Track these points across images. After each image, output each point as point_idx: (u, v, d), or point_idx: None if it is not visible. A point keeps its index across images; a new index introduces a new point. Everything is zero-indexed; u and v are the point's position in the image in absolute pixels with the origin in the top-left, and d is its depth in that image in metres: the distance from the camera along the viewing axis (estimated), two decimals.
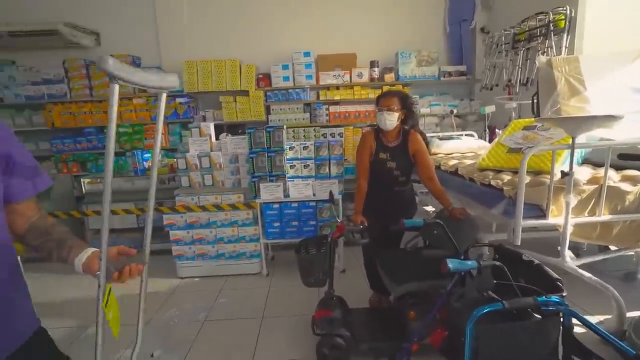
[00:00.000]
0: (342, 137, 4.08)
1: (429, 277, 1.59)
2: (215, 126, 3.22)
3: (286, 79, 4.15)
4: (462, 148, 2.98)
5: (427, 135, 3.17)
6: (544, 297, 1.16)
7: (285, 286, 2.83)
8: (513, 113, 3.09)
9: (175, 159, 3.12)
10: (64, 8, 4.12)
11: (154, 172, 0.97)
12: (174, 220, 2.90)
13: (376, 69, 4.20)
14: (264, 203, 2.81)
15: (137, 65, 4.16)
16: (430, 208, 3.33)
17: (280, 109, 4.21)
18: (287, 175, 2.82)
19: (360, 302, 2.27)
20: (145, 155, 3.56)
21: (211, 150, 2.99)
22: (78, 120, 4.09)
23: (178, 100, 4.07)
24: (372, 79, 4.20)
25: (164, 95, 0.88)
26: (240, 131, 3.61)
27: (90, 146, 4.14)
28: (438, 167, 2.64)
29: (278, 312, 2.48)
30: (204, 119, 4.11)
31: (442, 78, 4.24)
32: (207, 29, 4.35)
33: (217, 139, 3.10)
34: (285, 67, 4.15)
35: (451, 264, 1.22)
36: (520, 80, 2.97)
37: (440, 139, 3.17)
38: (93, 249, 0.83)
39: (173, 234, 2.91)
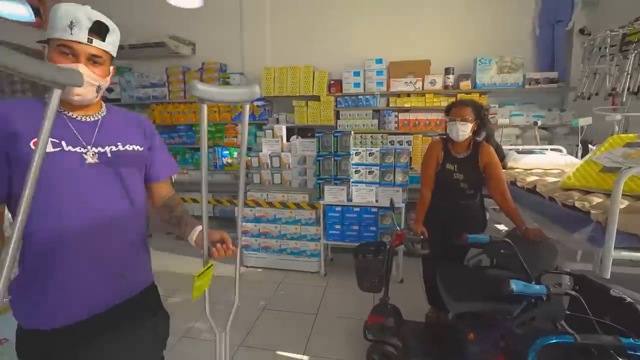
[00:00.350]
0: (409, 145, 4.00)
1: (491, 298, 1.51)
2: (287, 128, 3.45)
3: (357, 85, 4.23)
4: (544, 163, 2.70)
5: (505, 148, 2.95)
6: (631, 339, 1.02)
7: (341, 288, 2.90)
8: (616, 127, 2.69)
9: (249, 157, 3.43)
10: (169, 23, 4.80)
11: (242, 174, 1.07)
12: (244, 213, 3.19)
13: (451, 76, 4.02)
14: (327, 205, 2.92)
15: (222, 72, 4.65)
16: (502, 227, 3.08)
17: (349, 115, 4.30)
18: (351, 180, 2.89)
19: (416, 315, 2.23)
20: (224, 152, 3.96)
21: (282, 151, 3.21)
22: (173, 119, 4.73)
23: (255, 103, 4.43)
24: (446, 87, 4.04)
25: (248, 107, 0.98)
26: (309, 134, 3.78)
27: (180, 141, 4.75)
28: (513, 183, 2.44)
29: (332, 312, 2.55)
30: (277, 121, 4.40)
31: (526, 86, 3.88)
32: (285, 38, 4.66)
33: (288, 140, 3.32)
34: (356, 73, 4.23)
35: (515, 285, 1.14)
36: (629, 88, 2.58)
37: (520, 152, 2.91)
38: (200, 228, 1.01)
39: (243, 226, 3.19)
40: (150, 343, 1.08)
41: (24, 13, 3.59)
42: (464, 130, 1.91)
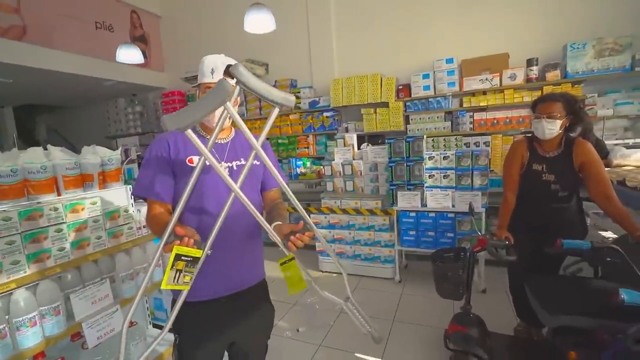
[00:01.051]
0: (487, 146, 3.74)
1: (597, 311, 1.35)
2: (357, 137, 3.53)
3: (426, 88, 4.13)
4: None
5: (609, 143, 2.60)
6: None
7: (417, 295, 2.85)
8: None
9: (322, 166, 3.60)
10: (245, 46, 5.32)
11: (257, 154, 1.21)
12: (319, 220, 3.35)
13: (535, 68, 3.67)
14: (400, 210, 2.91)
15: (293, 87, 4.97)
16: (608, 234, 2.67)
17: (420, 119, 4.21)
18: (425, 185, 2.83)
19: (502, 328, 2.08)
20: (298, 163, 4.22)
21: (353, 159, 3.31)
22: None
23: (325, 114, 4.64)
24: (528, 80, 3.70)
25: (276, 111, 0.99)
26: (380, 141, 3.81)
27: None
28: (622, 183, 2.13)
29: (409, 319, 2.53)
30: (347, 130, 4.53)
31: (637, 68, 3.32)
32: (351, 50, 4.80)
33: (359, 148, 3.40)
34: (425, 76, 4.13)
35: (627, 294, 1.02)
36: None
37: (629, 147, 2.52)
38: (277, 223, 1.14)
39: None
40: (261, 330, 1.31)
41: (138, 57, 4.37)
42: (551, 129, 1.75)
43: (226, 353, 1.31)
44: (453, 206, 2.72)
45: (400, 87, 4.32)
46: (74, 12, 4.89)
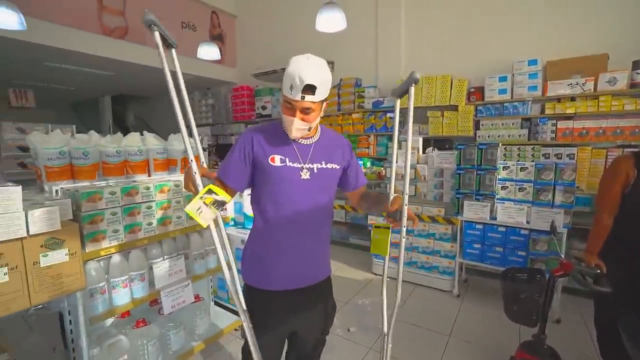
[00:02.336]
0: (572, 159, 3.34)
1: None
2: (423, 140, 3.40)
3: (503, 91, 3.82)
4: None
5: None
6: None
7: (476, 313, 2.66)
8: None
9: (383, 168, 3.54)
10: (313, 44, 5.41)
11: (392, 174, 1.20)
12: (375, 221, 3.30)
13: None
14: (466, 221, 2.74)
15: (357, 86, 4.95)
16: None
17: (492, 124, 3.91)
18: (496, 197, 2.63)
19: None
20: (359, 162, 4.19)
21: (417, 163, 3.20)
22: None
23: (388, 115, 4.54)
24: (633, 85, 3.21)
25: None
26: (447, 146, 3.63)
27: None
28: None
29: (466, 337, 2.38)
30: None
31: None
32: (420, 49, 4.62)
33: (423, 152, 3.28)
34: (502, 79, 3.82)
35: None
36: None
37: None
38: (396, 195, 1.25)
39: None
40: (322, 324, 1.34)
41: (216, 55, 4.71)
42: None
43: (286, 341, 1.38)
44: (528, 222, 2.48)
45: (472, 89, 4.05)
46: (165, 14, 5.44)
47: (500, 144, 2.72)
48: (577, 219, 2.58)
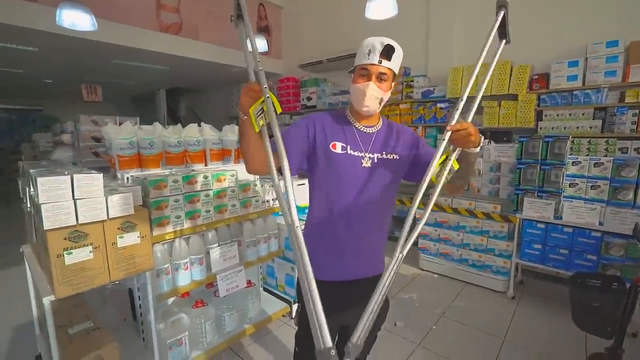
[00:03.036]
0: None
1: None
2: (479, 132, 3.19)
3: (572, 78, 3.45)
4: None
5: None
6: None
7: (534, 317, 2.49)
8: None
9: None
10: (359, 34, 5.28)
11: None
12: (420, 215, 3.18)
13: None
14: (526, 219, 2.55)
15: (406, 75, 4.76)
16: None
17: (557, 115, 3.56)
18: (563, 194, 2.40)
19: None
20: None
21: None
22: None
23: (439, 105, 4.33)
24: None
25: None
26: (505, 139, 3.38)
27: None
28: None
29: (522, 342, 2.23)
30: None
31: None
32: (476, 34, 4.31)
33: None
34: (573, 64, 3.44)
35: None
36: None
37: None
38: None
39: (422, 228, 3.20)
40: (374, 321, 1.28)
41: (263, 46, 4.79)
42: None
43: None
44: (601, 224, 2.24)
45: (536, 76, 3.70)
46: (215, 9, 5.62)
47: (569, 137, 2.45)
48: None
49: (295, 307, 2.44)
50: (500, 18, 1.12)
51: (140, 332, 1.94)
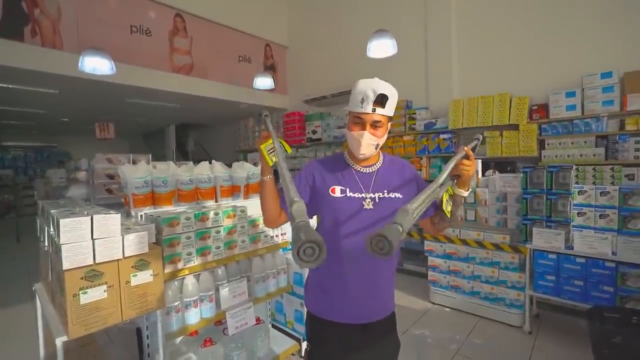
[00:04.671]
0: None
1: None
2: (482, 162, 3.24)
3: (571, 108, 3.54)
4: None
5: None
6: None
7: (554, 354, 2.38)
8: None
9: None
10: (361, 70, 5.52)
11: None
12: (433, 247, 3.16)
13: None
14: (536, 250, 2.52)
15: (408, 108, 4.91)
16: None
17: (560, 144, 3.62)
18: (572, 223, 2.39)
19: None
20: None
21: (477, 186, 3.04)
22: None
23: (442, 136, 4.42)
24: None
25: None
26: (509, 168, 3.42)
27: None
28: None
29: None
30: None
31: None
32: (473, 68, 4.50)
33: (483, 175, 3.12)
34: (570, 94, 3.55)
35: None
36: None
37: None
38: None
39: (431, 260, 3.17)
40: None
41: (270, 84, 5.02)
42: None
43: None
44: (614, 253, 2.20)
45: (535, 107, 3.81)
46: (223, 50, 5.98)
47: (573, 166, 2.48)
48: None
49: (304, 344, 2.38)
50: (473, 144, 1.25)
51: None
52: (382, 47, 3.50)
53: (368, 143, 1.12)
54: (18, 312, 3.30)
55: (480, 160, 3.23)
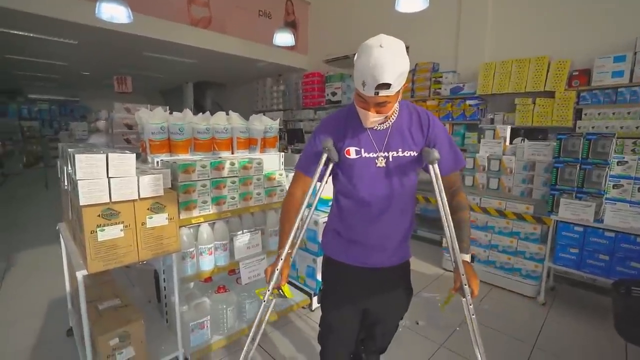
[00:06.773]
0: None
1: None
2: (511, 129, 3.05)
3: (618, 74, 3.22)
4: None
5: None
6: None
7: (567, 325, 2.34)
8: None
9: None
10: (386, 28, 5.15)
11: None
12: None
13: None
14: (561, 221, 2.40)
15: (435, 71, 4.62)
16: None
17: (599, 114, 3.35)
18: (605, 196, 2.24)
19: None
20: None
21: (503, 154, 2.88)
22: None
23: (468, 102, 4.18)
24: None
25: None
26: (540, 137, 3.21)
27: None
28: None
29: (553, 350, 2.10)
30: (492, 121, 3.99)
31: None
32: (510, 27, 4.12)
33: (511, 142, 2.94)
34: (619, 58, 3.22)
35: None
36: None
37: None
38: (466, 256, 1.15)
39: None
40: (395, 306, 1.31)
41: (290, 41, 4.78)
42: None
43: None
44: None
45: (575, 72, 3.50)
46: (243, 3, 5.69)
47: (615, 135, 2.28)
48: None
49: (315, 299, 2.43)
50: None
51: (164, 313, 1.98)
52: (412, 0, 3.21)
53: (373, 120, 1.06)
54: (47, 252, 3.51)
55: (509, 127, 3.03)
